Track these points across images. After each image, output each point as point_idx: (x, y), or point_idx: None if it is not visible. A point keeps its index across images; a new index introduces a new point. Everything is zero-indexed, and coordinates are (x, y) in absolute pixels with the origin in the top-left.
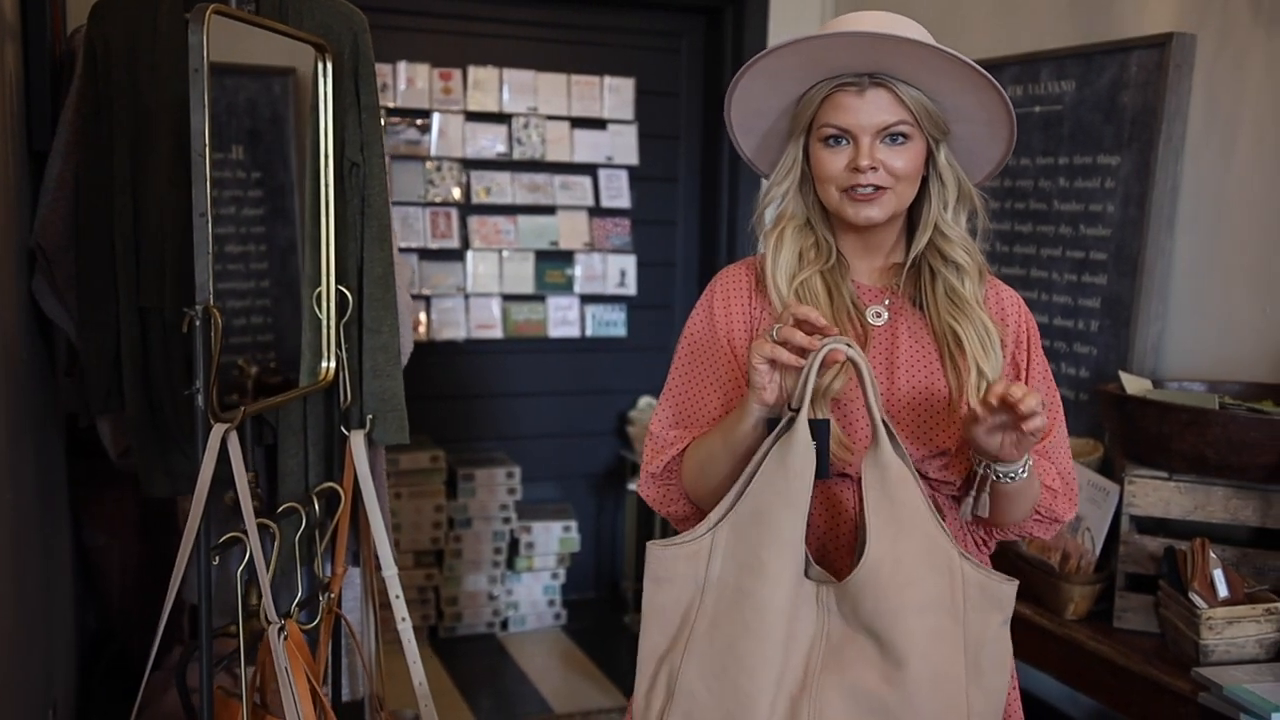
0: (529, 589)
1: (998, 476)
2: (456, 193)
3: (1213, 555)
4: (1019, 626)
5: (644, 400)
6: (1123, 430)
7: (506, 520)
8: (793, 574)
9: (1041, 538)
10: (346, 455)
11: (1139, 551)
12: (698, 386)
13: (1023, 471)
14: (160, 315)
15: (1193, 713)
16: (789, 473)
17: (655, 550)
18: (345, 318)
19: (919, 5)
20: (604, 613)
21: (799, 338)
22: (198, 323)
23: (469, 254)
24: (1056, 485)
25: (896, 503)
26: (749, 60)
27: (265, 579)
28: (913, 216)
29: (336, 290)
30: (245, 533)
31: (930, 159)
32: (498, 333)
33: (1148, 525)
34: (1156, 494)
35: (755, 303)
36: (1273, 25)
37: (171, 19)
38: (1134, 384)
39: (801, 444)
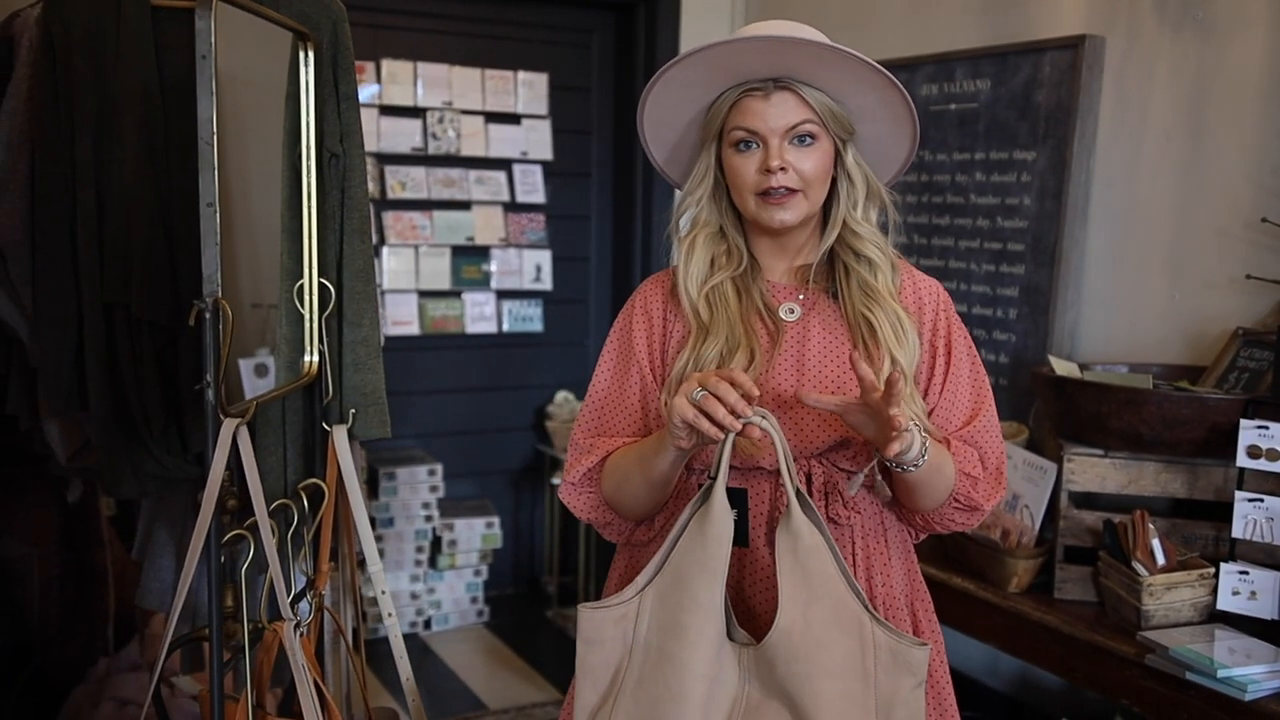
0: (451, 587)
1: (897, 467)
2: (371, 187)
3: (1150, 526)
4: (964, 601)
5: (561, 395)
6: (1059, 411)
7: (429, 518)
8: (713, 637)
9: (964, 527)
10: (330, 450)
11: (1077, 525)
12: (617, 397)
13: (921, 460)
14: (127, 311)
15: (1137, 674)
16: (707, 540)
17: (586, 613)
18: (326, 311)
19: (834, 4)
20: (526, 608)
21: (720, 413)
22: (207, 315)
23: (385, 250)
24: (977, 473)
25: (809, 570)
26: (657, 72)
27: (280, 577)
28: (825, 216)
29: (319, 283)
30: (251, 530)
31: (838, 159)
32: (415, 329)
33: (1081, 500)
34: (1093, 470)
35: (669, 312)
36: (1177, 30)
37: (137, 4)
38: (1062, 367)
39: (719, 512)
